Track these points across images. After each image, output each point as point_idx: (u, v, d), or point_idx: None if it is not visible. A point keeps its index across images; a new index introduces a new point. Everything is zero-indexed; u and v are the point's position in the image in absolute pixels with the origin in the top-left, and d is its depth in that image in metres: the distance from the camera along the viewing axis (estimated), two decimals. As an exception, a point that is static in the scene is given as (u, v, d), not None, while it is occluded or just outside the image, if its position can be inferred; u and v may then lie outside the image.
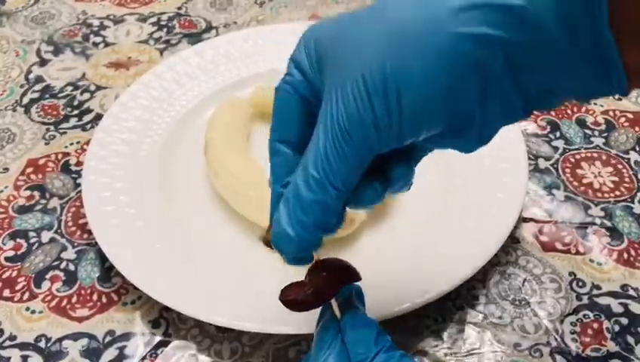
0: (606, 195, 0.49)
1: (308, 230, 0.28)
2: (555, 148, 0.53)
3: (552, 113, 0.56)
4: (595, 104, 0.57)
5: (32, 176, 0.52)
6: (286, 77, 0.31)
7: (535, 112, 0.55)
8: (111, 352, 0.41)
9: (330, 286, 0.30)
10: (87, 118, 0.57)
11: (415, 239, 0.45)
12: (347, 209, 0.30)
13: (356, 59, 0.26)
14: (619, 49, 0.24)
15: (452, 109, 0.26)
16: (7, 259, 0.46)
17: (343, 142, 0.26)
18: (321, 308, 0.32)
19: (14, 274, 0.46)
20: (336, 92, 0.26)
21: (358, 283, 0.32)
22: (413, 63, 0.25)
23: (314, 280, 0.30)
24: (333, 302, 0.31)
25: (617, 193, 0.50)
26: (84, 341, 0.42)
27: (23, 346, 0.41)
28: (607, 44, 0.24)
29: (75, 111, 0.58)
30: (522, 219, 0.48)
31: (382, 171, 0.29)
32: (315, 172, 0.27)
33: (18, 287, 0.45)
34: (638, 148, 0.53)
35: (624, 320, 0.42)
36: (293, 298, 0.30)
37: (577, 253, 0.46)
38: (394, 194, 0.30)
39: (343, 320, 0.30)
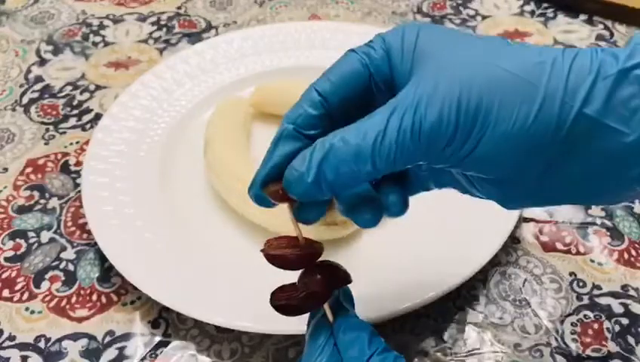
0: (606, 195, 0.49)
1: (322, 184, 0.27)
2: (556, 148, 0.53)
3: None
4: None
5: (32, 176, 0.52)
6: (367, 47, 0.30)
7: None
8: (110, 352, 0.41)
9: (322, 289, 0.29)
10: (86, 117, 0.57)
11: (415, 239, 0.45)
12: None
13: (460, 70, 0.26)
14: None
15: (520, 168, 0.26)
16: (6, 259, 0.46)
17: (409, 135, 0.26)
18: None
19: (14, 274, 0.45)
20: (427, 86, 0.26)
21: (349, 284, 0.31)
22: (510, 113, 0.25)
23: (306, 283, 0.29)
24: (325, 305, 0.30)
25: (618, 193, 0.49)
26: (84, 341, 0.42)
27: (22, 346, 0.41)
28: None
29: (75, 111, 0.58)
30: (523, 219, 0.48)
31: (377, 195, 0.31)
32: (363, 142, 0.26)
33: (17, 287, 0.45)
34: (638, 148, 0.53)
35: (624, 321, 0.42)
36: (285, 302, 0.29)
37: (578, 253, 0.46)
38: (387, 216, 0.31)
39: (335, 324, 0.30)
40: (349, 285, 0.31)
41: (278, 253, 0.29)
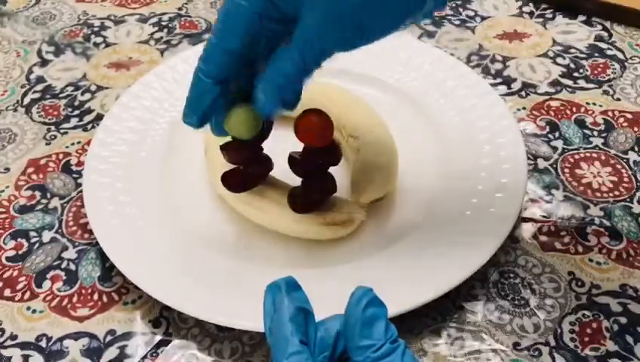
0: (605, 195, 0.50)
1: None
2: (554, 148, 0.53)
3: (552, 113, 0.56)
4: (594, 104, 0.57)
5: (33, 176, 0.52)
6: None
7: (534, 112, 0.56)
8: (112, 351, 0.41)
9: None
10: (87, 118, 0.57)
11: (415, 239, 0.45)
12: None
13: None
14: None
15: None
16: (8, 258, 0.47)
17: (319, 58, 0.35)
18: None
19: (15, 273, 0.46)
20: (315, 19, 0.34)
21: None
22: None
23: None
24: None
25: (616, 193, 0.50)
26: (85, 340, 0.42)
27: (23, 346, 0.42)
28: None
29: (76, 112, 0.58)
30: (521, 219, 0.48)
31: None
32: (298, 67, 0.35)
33: (19, 287, 0.45)
34: (636, 148, 0.53)
35: (623, 320, 0.42)
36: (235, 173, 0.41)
37: (576, 252, 0.46)
38: None
39: (356, 293, 0.28)
40: (343, 292, 0.30)
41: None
